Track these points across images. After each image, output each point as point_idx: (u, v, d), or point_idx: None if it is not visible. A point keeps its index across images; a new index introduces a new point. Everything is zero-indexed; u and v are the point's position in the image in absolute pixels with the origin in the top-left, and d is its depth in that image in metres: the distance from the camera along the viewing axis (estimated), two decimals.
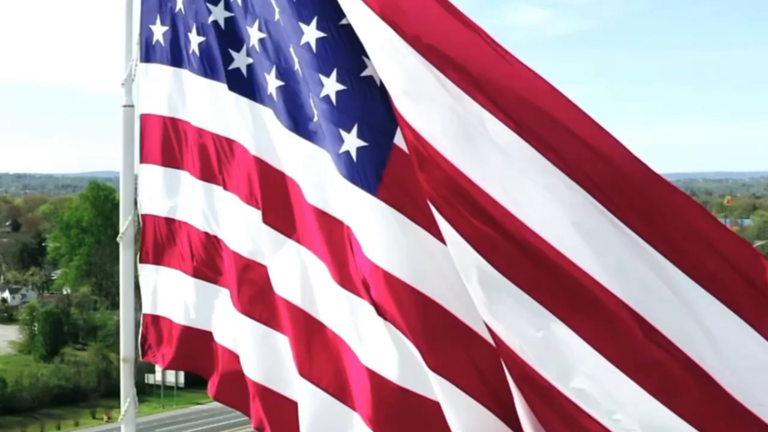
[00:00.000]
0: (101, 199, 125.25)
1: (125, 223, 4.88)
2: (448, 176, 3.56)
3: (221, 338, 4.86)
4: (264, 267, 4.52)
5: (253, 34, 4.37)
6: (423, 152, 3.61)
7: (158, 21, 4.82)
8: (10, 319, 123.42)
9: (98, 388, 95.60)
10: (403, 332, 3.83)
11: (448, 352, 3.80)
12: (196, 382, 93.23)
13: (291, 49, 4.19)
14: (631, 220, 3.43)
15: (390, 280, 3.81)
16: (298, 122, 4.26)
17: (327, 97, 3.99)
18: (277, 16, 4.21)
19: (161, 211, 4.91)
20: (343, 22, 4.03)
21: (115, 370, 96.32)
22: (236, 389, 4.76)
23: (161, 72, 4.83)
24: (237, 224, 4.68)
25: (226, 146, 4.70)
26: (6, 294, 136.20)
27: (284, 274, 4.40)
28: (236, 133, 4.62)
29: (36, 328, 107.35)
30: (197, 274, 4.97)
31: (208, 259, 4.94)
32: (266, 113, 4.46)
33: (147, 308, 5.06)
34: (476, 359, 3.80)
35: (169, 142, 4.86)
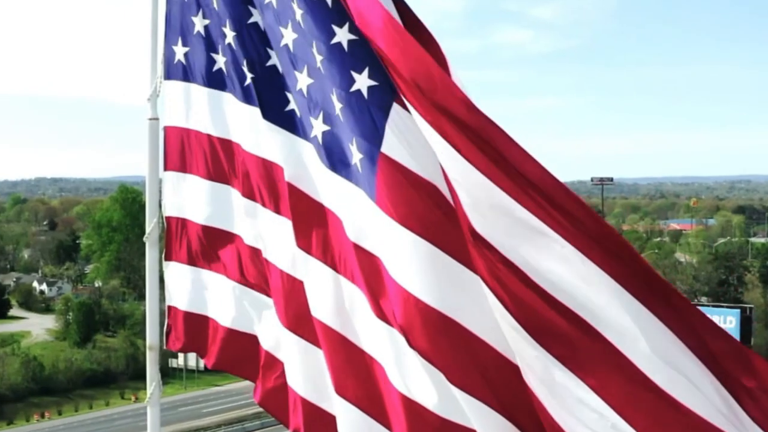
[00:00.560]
0: (129, 201, 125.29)
1: (151, 225, 4.86)
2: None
3: (267, 345, 4.68)
4: (302, 283, 4.34)
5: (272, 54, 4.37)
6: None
7: (180, 42, 4.78)
8: (47, 309, 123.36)
9: (126, 371, 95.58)
10: (428, 358, 3.68)
11: (473, 372, 3.64)
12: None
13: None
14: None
15: (419, 306, 3.64)
16: (335, 161, 4.17)
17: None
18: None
19: (183, 214, 4.88)
20: (320, 61, 4.10)
21: (141, 355, 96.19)
22: (279, 398, 4.60)
23: (183, 88, 4.79)
24: (275, 238, 4.51)
25: (246, 157, 4.62)
26: (44, 286, 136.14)
27: (320, 297, 4.21)
28: (267, 151, 4.52)
29: (70, 317, 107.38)
30: (231, 275, 4.86)
31: (241, 264, 4.80)
32: (297, 142, 4.40)
33: (171, 301, 5.01)
34: (502, 376, 3.62)
35: (189, 151, 4.82)
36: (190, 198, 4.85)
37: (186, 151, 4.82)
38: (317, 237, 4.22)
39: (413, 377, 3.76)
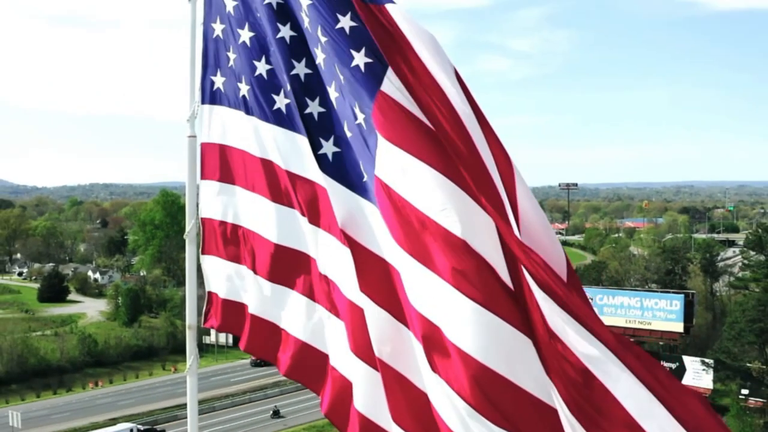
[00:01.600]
0: (169, 203, 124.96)
1: (189, 224, 4.87)
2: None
3: (337, 364, 4.40)
4: (361, 309, 4.06)
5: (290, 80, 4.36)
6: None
7: (218, 73, 4.77)
8: (99, 294, 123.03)
9: (167, 346, 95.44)
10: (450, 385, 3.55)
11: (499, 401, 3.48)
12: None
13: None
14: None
15: (470, 362, 3.48)
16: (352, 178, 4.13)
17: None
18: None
19: (217, 216, 4.87)
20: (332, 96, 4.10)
21: (180, 333, 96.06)
22: (344, 413, 4.31)
23: (218, 111, 4.78)
24: (335, 261, 4.26)
25: (279, 172, 4.56)
26: (97, 275, 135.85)
27: (382, 339, 3.95)
28: (294, 166, 4.46)
29: (120, 301, 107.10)
30: (257, 270, 4.79)
31: (272, 263, 4.67)
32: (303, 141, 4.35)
33: (210, 288, 5.00)
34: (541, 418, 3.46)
35: (223, 163, 4.81)
36: (224, 202, 4.83)
37: (219, 163, 4.81)
38: (376, 282, 3.97)
39: (449, 410, 3.62)
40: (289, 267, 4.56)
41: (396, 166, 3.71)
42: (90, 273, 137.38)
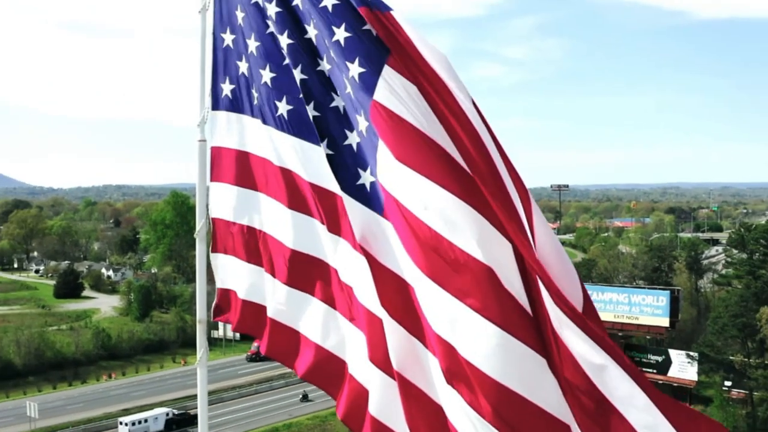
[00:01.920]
0: (179, 203, 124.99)
1: (200, 223, 4.86)
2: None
3: (355, 371, 4.31)
4: (380, 319, 3.98)
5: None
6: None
7: (227, 81, 4.76)
8: (113, 291, 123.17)
9: (177, 340, 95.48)
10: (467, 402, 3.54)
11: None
12: (247, 337, 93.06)
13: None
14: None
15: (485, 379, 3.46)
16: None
17: (350, 146, 4.09)
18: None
19: (226, 215, 4.85)
20: (320, 68, 4.07)
21: (189, 327, 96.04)
22: (360, 418, 4.21)
23: (227, 117, 4.77)
24: (354, 270, 4.17)
25: (294, 178, 4.53)
26: (110, 272, 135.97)
27: (400, 354, 3.88)
28: (308, 174, 4.41)
29: (132, 297, 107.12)
30: (267, 269, 4.76)
31: (287, 266, 4.59)
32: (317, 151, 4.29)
33: (219, 284, 4.98)
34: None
35: (232, 166, 4.79)
36: (233, 203, 4.80)
37: (227, 165, 4.80)
38: (397, 301, 3.89)
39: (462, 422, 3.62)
40: (307, 273, 4.48)
41: (407, 186, 3.66)
42: (103, 270, 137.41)
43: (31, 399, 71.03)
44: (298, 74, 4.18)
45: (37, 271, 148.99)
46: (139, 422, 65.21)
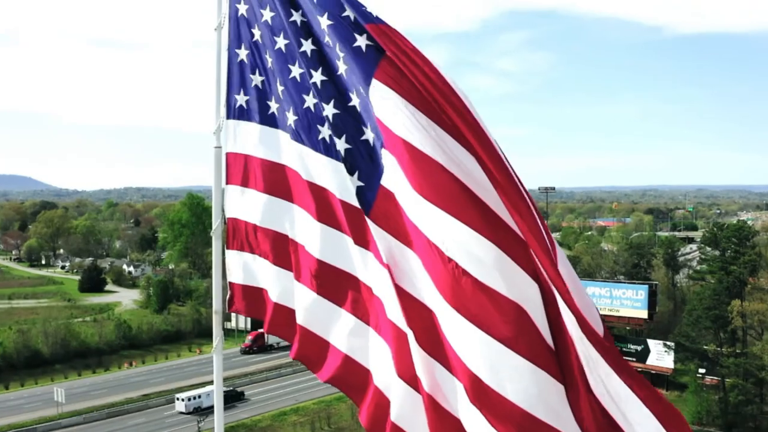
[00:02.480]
0: (194, 204, 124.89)
1: (216, 223, 4.86)
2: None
3: (380, 383, 4.17)
4: (405, 334, 3.87)
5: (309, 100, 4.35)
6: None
7: (241, 92, 4.77)
8: (133, 285, 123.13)
9: (193, 331, 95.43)
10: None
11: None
12: (258, 327, 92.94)
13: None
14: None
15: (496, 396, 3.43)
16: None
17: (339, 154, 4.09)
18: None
19: (240, 216, 4.84)
20: (351, 103, 4.00)
21: (204, 319, 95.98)
22: (381, 425, 4.09)
23: (242, 126, 4.76)
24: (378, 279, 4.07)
25: (300, 180, 4.51)
26: (131, 268, 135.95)
27: (422, 373, 3.78)
28: (320, 180, 4.38)
29: (151, 291, 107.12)
30: (274, 261, 4.72)
31: (294, 258, 4.56)
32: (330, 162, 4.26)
33: (231, 278, 4.94)
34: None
35: (245, 170, 4.78)
36: (245, 203, 4.81)
37: (242, 170, 4.80)
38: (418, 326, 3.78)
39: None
40: (335, 284, 4.36)
41: (428, 218, 3.59)
42: (125, 266, 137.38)
43: (58, 385, 71.07)
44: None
45: (63, 267, 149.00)
46: (194, 398, 66.99)
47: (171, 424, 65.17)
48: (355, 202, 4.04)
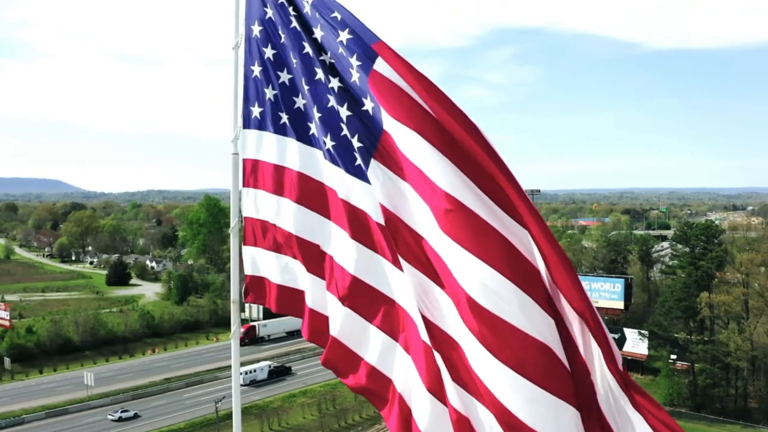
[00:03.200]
0: (211, 205, 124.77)
1: (234, 221, 4.83)
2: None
3: (401, 387, 4.05)
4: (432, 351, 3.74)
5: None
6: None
7: (256, 105, 4.80)
8: (155, 279, 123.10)
9: (210, 321, 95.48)
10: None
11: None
12: (270, 316, 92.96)
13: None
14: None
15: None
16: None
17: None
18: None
19: (256, 215, 4.86)
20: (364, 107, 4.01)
21: (220, 310, 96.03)
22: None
23: (256, 135, 4.80)
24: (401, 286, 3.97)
25: (319, 187, 4.48)
26: (153, 264, 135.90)
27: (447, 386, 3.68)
28: (330, 182, 4.36)
29: (171, 285, 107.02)
30: (285, 253, 4.71)
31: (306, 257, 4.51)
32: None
33: (248, 271, 4.94)
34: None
35: (261, 174, 4.81)
36: (259, 204, 4.85)
37: (257, 174, 4.84)
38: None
39: None
40: (368, 300, 4.17)
41: (449, 255, 3.50)
42: (148, 262, 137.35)
43: (87, 370, 71.11)
44: (344, 111, 4.13)
45: (91, 263, 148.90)
46: (249, 372, 69.45)
47: (190, 405, 65.29)
48: (398, 214, 3.87)
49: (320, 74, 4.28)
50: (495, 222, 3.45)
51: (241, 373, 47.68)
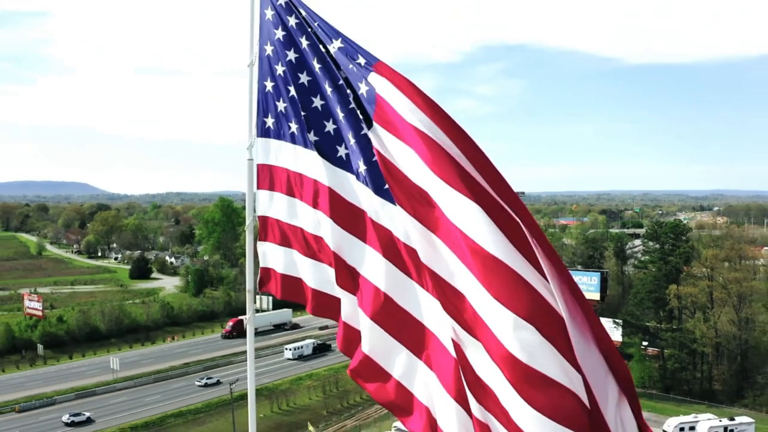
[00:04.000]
0: (225, 206, 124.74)
1: (249, 219, 4.88)
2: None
3: (422, 397, 3.92)
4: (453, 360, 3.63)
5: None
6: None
7: (269, 116, 4.86)
8: (174, 273, 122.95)
9: (224, 311, 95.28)
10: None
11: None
12: (278, 307, 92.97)
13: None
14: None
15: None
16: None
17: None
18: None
19: (269, 213, 4.91)
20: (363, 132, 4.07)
21: (233, 301, 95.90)
22: None
23: (269, 143, 4.87)
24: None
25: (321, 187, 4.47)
26: (172, 259, 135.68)
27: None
28: (333, 183, 4.35)
29: (189, 278, 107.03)
30: (296, 248, 4.70)
31: (308, 244, 4.54)
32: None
33: (263, 264, 4.95)
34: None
35: (272, 177, 4.87)
36: (273, 203, 4.90)
37: (269, 177, 4.89)
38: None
39: None
40: (397, 320, 3.98)
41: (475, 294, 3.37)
42: (167, 258, 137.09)
43: (113, 356, 71.07)
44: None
45: (116, 259, 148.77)
46: (297, 348, 75.55)
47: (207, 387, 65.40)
48: (413, 245, 3.77)
49: (329, 90, 4.38)
50: (522, 270, 3.29)
51: (289, 349, 53.95)
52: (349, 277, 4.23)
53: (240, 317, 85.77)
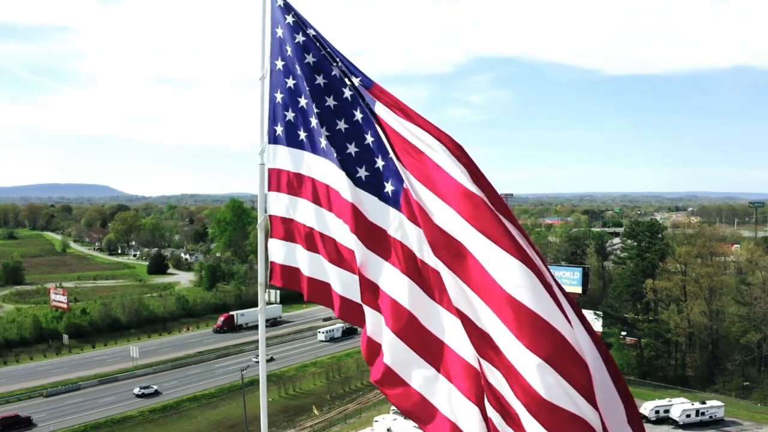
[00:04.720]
0: (236, 207, 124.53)
1: (261, 218, 4.90)
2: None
3: (441, 407, 3.80)
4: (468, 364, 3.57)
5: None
6: None
7: (279, 125, 4.89)
8: (189, 269, 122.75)
9: (235, 304, 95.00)
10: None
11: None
12: (284, 300, 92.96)
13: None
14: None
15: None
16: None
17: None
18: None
19: (279, 213, 4.92)
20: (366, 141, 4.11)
21: (244, 294, 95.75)
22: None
23: (279, 149, 4.88)
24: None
25: (330, 191, 4.47)
26: (187, 256, 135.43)
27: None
28: (341, 188, 4.34)
29: (203, 273, 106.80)
30: (308, 247, 4.67)
31: (320, 242, 4.49)
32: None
33: (272, 258, 4.93)
34: None
35: (282, 180, 4.88)
36: (281, 204, 4.92)
37: (278, 180, 4.90)
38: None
39: None
40: (419, 335, 3.85)
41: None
42: (182, 254, 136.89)
43: (132, 345, 71.11)
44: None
45: (134, 255, 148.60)
46: (329, 331, 78.80)
47: (220, 373, 65.32)
48: (432, 262, 3.69)
49: (330, 102, 4.46)
50: (546, 314, 3.19)
51: (322, 332, 57.36)
52: (372, 294, 4.05)
53: (230, 313, 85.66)
